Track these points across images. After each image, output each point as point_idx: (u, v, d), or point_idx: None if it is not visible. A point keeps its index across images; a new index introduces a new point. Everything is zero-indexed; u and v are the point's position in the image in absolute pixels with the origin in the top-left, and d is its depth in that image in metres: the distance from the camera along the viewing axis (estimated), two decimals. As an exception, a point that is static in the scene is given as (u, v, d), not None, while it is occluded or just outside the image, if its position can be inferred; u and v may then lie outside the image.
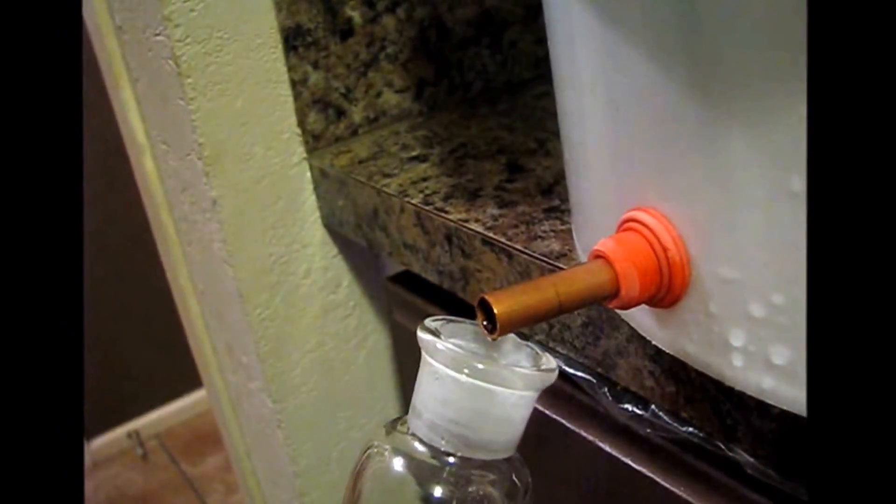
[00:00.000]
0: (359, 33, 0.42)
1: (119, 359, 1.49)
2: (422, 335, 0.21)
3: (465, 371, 0.20)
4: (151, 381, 1.56)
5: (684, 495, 0.27)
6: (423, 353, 0.21)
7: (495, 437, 0.20)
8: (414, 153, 0.40)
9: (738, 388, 0.21)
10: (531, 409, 0.21)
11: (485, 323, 0.20)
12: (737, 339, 0.20)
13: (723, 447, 0.26)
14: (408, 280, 0.41)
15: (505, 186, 0.35)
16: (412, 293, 0.41)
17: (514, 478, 0.21)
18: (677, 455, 0.28)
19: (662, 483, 0.28)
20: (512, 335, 0.22)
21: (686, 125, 0.19)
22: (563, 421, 0.31)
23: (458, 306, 0.36)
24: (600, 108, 0.22)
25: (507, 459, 0.21)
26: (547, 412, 0.32)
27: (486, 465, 0.20)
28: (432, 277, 0.36)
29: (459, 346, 0.20)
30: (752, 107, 0.18)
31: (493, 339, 0.20)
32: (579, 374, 0.29)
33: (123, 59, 0.43)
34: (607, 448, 0.29)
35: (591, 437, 0.30)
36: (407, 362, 0.46)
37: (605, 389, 0.29)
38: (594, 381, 0.29)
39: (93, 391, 1.41)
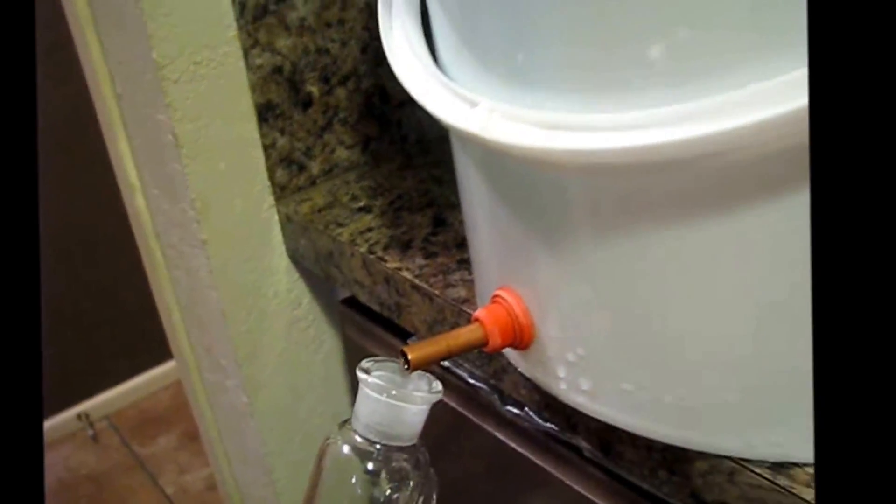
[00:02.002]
0: (316, 104, 0.56)
1: (67, 342, 1.59)
2: (358, 372, 0.36)
3: (384, 395, 0.34)
4: (100, 364, 1.67)
5: (547, 467, 0.42)
6: (360, 383, 0.36)
7: (405, 432, 0.35)
8: (361, 204, 0.54)
9: (565, 402, 0.36)
10: (426, 414, 0.36)
11: (404, 364, 0.34)
12: (561, 373, 0.35)
13: (569, 437, 0.41)
14: (355, 303, 0.55)
15: (430, 239, 0.49)
16: (359, 313, 0.55)
17: (417, 455, 0.36)
18: (542, 441, 0.43)
19: (532, 459, 0.43)
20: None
21: (524, 245, 0.34)
22: (469, 416, 0.46)
23: (394, 326, 0.51)
24: (482, 222, 0.37)
25: (413, 445, 0.35)
26: (458, 409, 0.46)
27: (400, 449, 0.35)
28: (374, 307, 0.50)
29: (382, 378, 0.35)
30: (555, 242, 0.32)
31: (408, 373, 0.35)
32: (479, 384, 0.44)
33: (122, 119, 0.56)
34: (498, 435, 0.44)
35: (487, 428, 0.45)
36: (354, 364, 0.60)
37: (496, 395, 0.43)
38: (488, 389, 0.44)
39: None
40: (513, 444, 0.44)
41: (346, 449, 0.35)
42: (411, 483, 0.36)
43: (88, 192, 1.48)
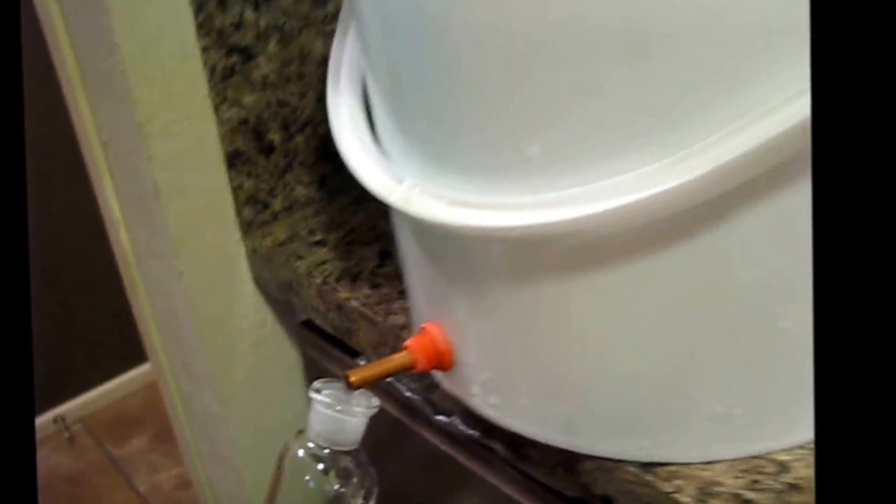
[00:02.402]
0: (278, 150, 0.64)
1: (43, 349, 1.66)
2: (310, 392, 0.44)
3: (331, 410, 0.43)
4: (76, 369, 1.75)
5: (471, 467, 0.51)
6: (311, 400, 0.44)
7: (348, 439, 0.44)
8: (317, 238, 0.63)
9: (480, 414, 0.45)
10: (366, 424, 0.44)
11: (347, 384, 0.43)
12: (474, 390, 0.44)
13: (487, 441, 0.49)
14: (313, 325, 0.64)
15: (376, 271, 0.58)
16: (316, 334, 0.64)
17: (359, 457, 0.45)
18: (467, 445, 0.51)
19: (459, 460, 0.51)
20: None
21: (442, 289, 0.42)
22: (406, 423, 0.54)
23: (346, 346, 0.59)
24: (411, 267, 0.45)
25: (356, 449, 0.44)
26: (397, 417, 0.55)
27: (345, 453, 0.44)
28: (329, 329, 0.59)
29: (330, 396, 0.43)
30: (465, 289, 0.41)
31: (350, 392, 0.43)
32: (414, 396, 0.53)
33: (107, 164, 0.64)
34: (431, 440, 0.53)
35: (421, 433, 0.53)
36: (312, 378, 0.68)
37: (429, 406, 0.52)
38: (422, 400, 0.52)
39: (19, 379, 1.59)
40: (443, 448, 0.52)
41: (301, 453, 0.44)
42: (355, 480, 0.45)
43: (64, 203, 1.55)
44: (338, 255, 0.60)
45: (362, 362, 0.59)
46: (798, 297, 0.34)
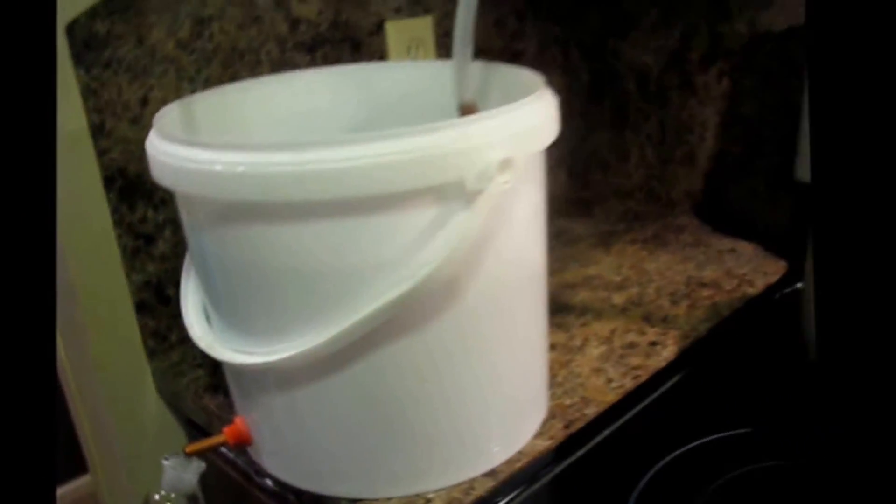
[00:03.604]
0: (173, 301, 0.95)
1: None
2: (162, 461, 0.74)
3: (173, 469, 0.73)
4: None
5: None
6: (164, 464, 0.74)
7: (187, 488, 0.74)
8: (198, 361, 0.94)
9: (269, 472, 0.75)
10: (198, 477, 0.74)
11: (185, 454, 0.73)
12: (264, 457, 0.74)
13: (281, 490, 0.79)
14: (192, 420, 0.94)
15: (226, 385, 0.88)
16: (193, 426, 0.94)
17: (197, 499, 0.75)
18: (278, 493, 0.81)
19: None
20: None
21: (240, 399, 0.73)
22: (235, 476, 0.84)
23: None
24: (230, 385, 0.76)
25: (193, 494, 0.74)
26: (227, 472, 0.85)
27: (185, 496, 0.74)
28: (199, 422, 0.89)
29: (175, 463, 0.73)
30: (248, 404, 0.72)
31: (188, 459, 0.74)
32: (238, 459, 0.83)
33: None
34: (251, 489, 0.83)
35: (244, 485, 0.83)
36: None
37: (250, 465, 0.82)
38: (243, 462, 0.82)
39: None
40: (259, 495, 0.82)
41: (157, 497, 0.74)
42: (193, 514, 0.75)
43: None
44: (207, 373, 0.91)
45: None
46: (408, 402, 0.65)
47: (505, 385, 0.70)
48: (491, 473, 0.71)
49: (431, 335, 0.63)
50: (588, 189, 1.42)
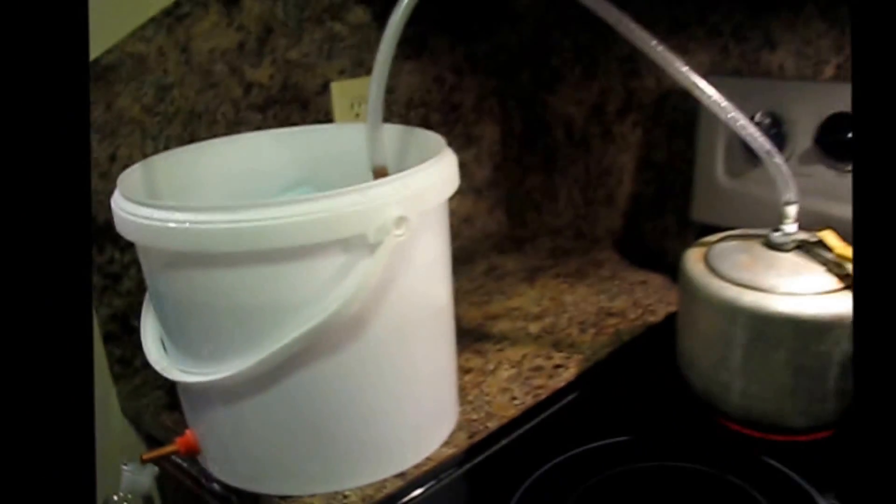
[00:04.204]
0: (135, 331, 1.10)
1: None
2: (122, 467, 0.88)
3: (130, 473, 0.88)
4: None
5: None
6: (122, 472, 0.89)
7: (142, 490, 0.88)
8: (160, 383, 1.08)
9: (216, 476, 0.89)
10: (152, 480, 0.89)
11: (141, 461, 0.87)
12: (210, 463, 0.88)
13: (226, 491, 0.93)
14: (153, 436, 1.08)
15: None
16: (153, 440, 1.08)
17: (151, 495, 0.89)
18: (224, 496, 0.95)
19: None
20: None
21: (189, 413, 0.88)
22: (187, 483, 0.98)
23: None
24: (181, 402, 0.90)
25: (147, 495, 0.88)
26: (181, 479, 0.99)
27: (143, 496, 0.88)
28: (159, 437, 1.03)
29: (131, 467, 0.87)
30: (193, 418, 0.86)
31: (143, 465, 0.88)
32: (190, 468, 0.97)
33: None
34: (201, 494, 0.97)
35: (196, 490, 0.97)
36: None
37: (201, 471, 0.96)
38: (196, 470, 0.97)
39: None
40: (208, 498, 0.96)
41: (115, 497, 0.88)
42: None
43: None
44: (165, 393, 1.06)
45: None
46: (327, 415, 0.80)
47: (412, 402, 0.85)
48: (401, 475, 0.85)
49: (345, 359, 0.78)
50: (524, 227, 1.57)
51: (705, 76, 0.81)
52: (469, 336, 1.14)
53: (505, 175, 1.57)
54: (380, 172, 0.90)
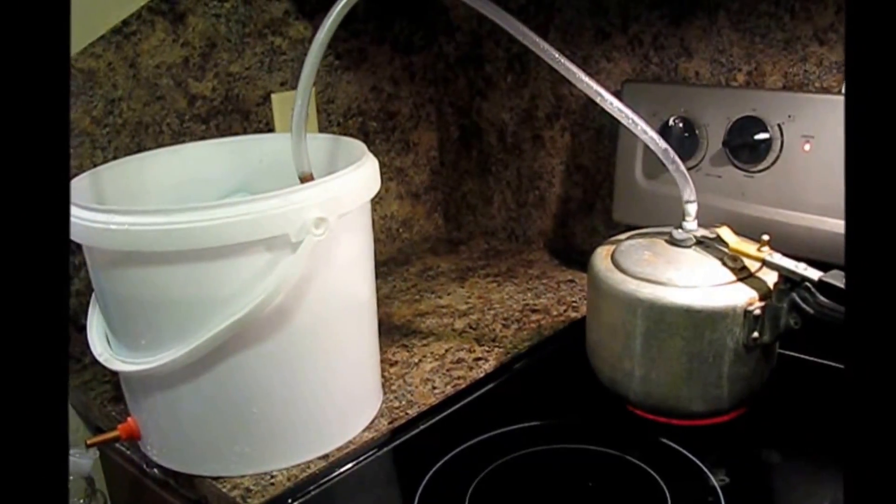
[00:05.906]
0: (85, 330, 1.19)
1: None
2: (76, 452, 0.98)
3: (74, 457, 0.97)
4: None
5: (161, 491, 1.05)
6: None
7: (83, 470, 0.98)
8: (107, 378, 1.17)
9: (154, 460, 0.99)
10: (91, 465, 0.98)
11: (86, 445, 0.97)
12: (149, 447, 0.98)
13: (163, 475, 1.03)
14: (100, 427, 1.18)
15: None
16: (100, 431, 1.18)
17: (92, 484, 0.99)
18: (170, 485, 1.05)
19: (163, 494, 1.05)
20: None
21: (130, 402, 0.98)
22: (130, 469, 1.08)
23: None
24: (123, 391, 1.00)
25: (89, 477, 0.98)
26: (125, 466, 1.09)
27: (84, 477, 0.98)
28: (103, 427, 1.13)
29: (73, 454, 0.97)
30: (137, 402, 0.96)
31: (87, 449, 0.98)
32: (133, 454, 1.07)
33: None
34: (143, 480, 1.07)
35: (137, 475, 1.07)
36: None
37: (143, 459, 1.06)
38: (138, 457, 1.06)
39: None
40: (147, 481, 1.06)
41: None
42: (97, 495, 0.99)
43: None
44: (112, 387, 1.16)
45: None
46: (255, 401, 0.90)
47: (335, 389, 0.96)
48: (325, 457, 0.96)
49: (271, 348, 0.88)
50: (460, 230, 1.68)
51: (627, 83, 0.91)
52: (398, 332, 1.24)
53: (442, 180, 1.68)
54: (306, 178, 1.01)
